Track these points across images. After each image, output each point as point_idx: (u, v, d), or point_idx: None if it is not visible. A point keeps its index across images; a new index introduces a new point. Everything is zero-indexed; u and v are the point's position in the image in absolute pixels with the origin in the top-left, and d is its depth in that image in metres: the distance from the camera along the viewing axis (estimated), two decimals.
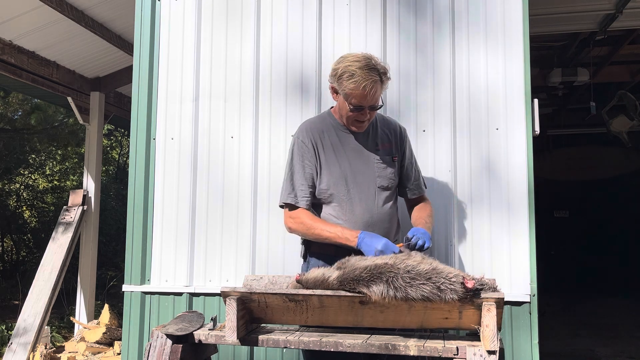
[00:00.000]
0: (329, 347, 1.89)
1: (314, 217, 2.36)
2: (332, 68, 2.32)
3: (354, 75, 2.21)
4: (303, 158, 2.39)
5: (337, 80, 2.28)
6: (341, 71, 2.25)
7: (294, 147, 2.43)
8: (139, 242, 3.12)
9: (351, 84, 2.22)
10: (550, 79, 6.36)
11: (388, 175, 2.43)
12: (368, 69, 2.21)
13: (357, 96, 2.24)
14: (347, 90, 2.24)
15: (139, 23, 3.27)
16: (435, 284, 1.78)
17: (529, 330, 2.74)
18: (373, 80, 2.21)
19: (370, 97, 2.24)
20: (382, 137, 2.46)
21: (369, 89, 2.21)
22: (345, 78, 2.23)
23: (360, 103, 2.26)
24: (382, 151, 2.44)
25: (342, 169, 2.38)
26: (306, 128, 2.45)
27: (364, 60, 2.24)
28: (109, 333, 5.14)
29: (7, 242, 10.94)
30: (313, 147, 2.39)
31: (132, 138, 3.22)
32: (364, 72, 2.20)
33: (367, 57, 2.26)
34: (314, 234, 2.32)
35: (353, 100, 2.27)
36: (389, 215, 2.42)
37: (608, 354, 5.33)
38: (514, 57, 2.88)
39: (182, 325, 2.08)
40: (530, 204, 2.80)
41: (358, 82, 2.20)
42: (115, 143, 14.07)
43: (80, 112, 6.30)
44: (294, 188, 2.38)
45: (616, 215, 10.11)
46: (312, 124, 2.47)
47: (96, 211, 6.31)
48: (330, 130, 2.43)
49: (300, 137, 2.42)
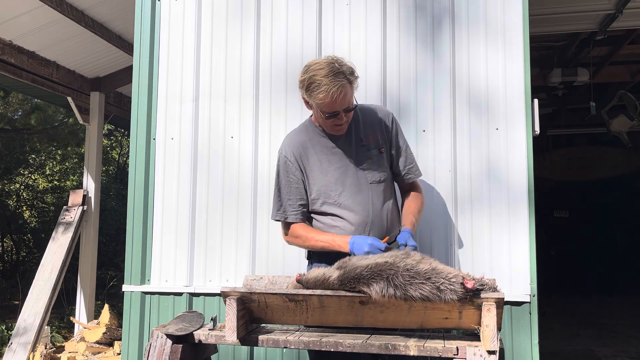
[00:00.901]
0: (329, 347, 1.88)
1: (307, 229, 2.40)
2: (299, 80, 2.29)
3: (320, 85, 2.18)
4: (288, 173, 2.41)
5: (306, 92, 2.26)
6: (307, 82, 2.22)
7: (278, 163, 2.45)
8: (139, 242, 3.12)
9: (320, 94, 2.19)
10: (550, 79, 6.35)
11: (378, 169, 2.41)
12: (333, 74, 2.18)
13: (327, 104, 2.22)
14: (318, 101, 2.22)
15: (139, 23, 3.27)
16: (434, 284, 1.78)
17: (529, 330, 2.74)
18: (340, 85, 2.18)
19: (341, 102, 2.22)
20: (366, 130, 2.43)
21: (337, 95, 2.19)
22: (313, 88, 2.21)
23: (333, 109, 2.25)
24: (368, 145, 2.41)
25: (330, 175, 2.37)
26: (288, 143, 2.45)
27: (327, 66, 2.21)
28: (109, 333, 5.14)
29: (7, 242, 10.94)
30: (296, 160, 2.40)
31: (132, 138, 3.22)
32: (329, 79, 2.18)
33: (331, 62, 2.22)
34: (310, 245, 2.38)
35: (325, 109, 2.25)
36: (386, 213, 2.40)
37: (608, 354, 5.33)
38: (514, 57, 2.88)
39: (182, 325, 2.09)
40: (530, 204, 2.80)
41: (325, 90, 2.18)
42: (115, 143, 14.08)
43: (80, 112, 6.30)
44: (282, 204, 2.42)
45: (616, 215, 10.12)
46: (294, 137, 2.47)
47: (96, 211, 6.31)
48: (313, 138, 2.42)
49: (283, 152, 2.44)
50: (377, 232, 2.33)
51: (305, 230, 2.39)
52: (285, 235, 2.46)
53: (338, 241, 2.27)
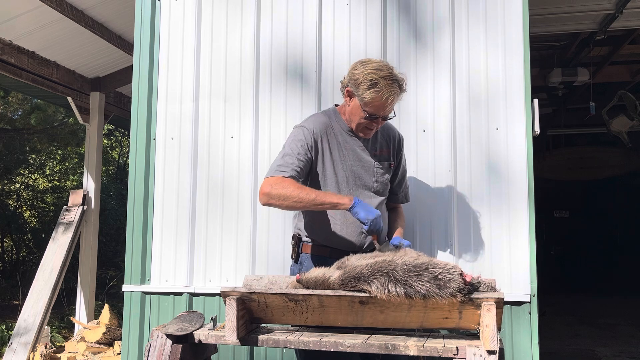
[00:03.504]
0: (329, 347, 1.89)
1: (300, 185, 2.23)
2: (352, 72, 2.27)
3: (376, 85, 2.19)
4: (302, 143, 2.31)
5: (356, 86, 2.24)
6: (363, 78, 2.21)
7: (296, 133, 2.36)
8: (139, 242, 3.12)
9: (372, 93, 2.19)
10: (550, 79, 6.36)
11: (384, 181, 2.45)
12: (391, 80, 2.20)
13: (376, 106, 2.23)
14: (367, 99, 2.22)
15: (139, 23, 3.27)
16: (433, 274, 1.80)
17: (529, 330, 2.74)
18: (395, 93, 2.20)
19: (388, 108, 2.25)
20: (381, 143, 2.47)
21: (390, 101, 2.21)
22: (369, 86, 2.20)
23: (377, 112, 2.25)
24: (381, 157, 2.45)
25: (345, 170, 2.38)
26: (313, 120, 2.42)
27: (387, 70, 2.22)
28: (109, 333, 5.14)
29: (7, 242, 10.94)
30: (315, 141, 2.35)
31: (132, 138, 3.22)
32: (387, 82, 2.19)
33: (390, 67, 2.24)
34: (297, 196, 2.16)
35: (370, 109, 2.25)
36: (383, 219, 2.43)
37: (608, 354, 5.33)
38: (514, 57, 2.88)
39: (182, 325, 2.08)
40: (530, 204, 2.80)
41: (381, 92, 2.18)
42: (115, 143, 14.08)
43: (80, 112, 6.30)
44: (286, 162, 2.27)
45: (616, 215, 10.12)
46: (320, 117, 2.44)
47: (96, 211, 6.31)
48: (336, 127, 2.41)
49: (306, 125, 2.38)
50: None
51: (295, 184, 2.21)
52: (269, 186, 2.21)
53: (338, 196, 2.22)
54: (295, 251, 2.45)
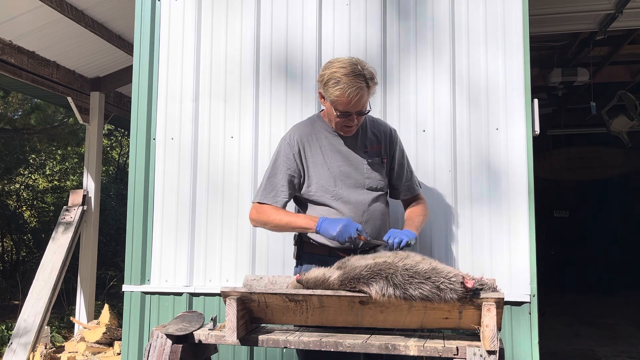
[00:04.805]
0: (329, 347, 1.89)
1: (278, 210, 2.38)
2: (319, 74, 2.33)
3: (339, 82, 2.21)
4: (288, 160, 2.41)
5: (323, 87, 2.29)
6: (327, 77, 2.25)
7: (280, 148, 2.45)
8: (139, 242, 3.12)
9: (337, 91, 2.22)
10: (550, 79, 6.36)
11: (377, 177, 2.45)
12: (354, 75, 2.21)
13: (342, 103, 2.25)
14: (333, 97, 2.25)
15: (139, 23, 3.27)
16: (434, 283, 1.79)
17: (529, 330, 2.74)
18: (358, 87, 2.21)
19: (355, 104, 2.25)
20: (371, 139, 2.48)
21: (354, 96, 2.22)
22: (331, 85, 2.23)
23: (347, 109, 2.27)
24: (371, 153, 2.45)
25: (331, 171, 2.39)
26: (294, 131, 2.47)
27: (349, 66, 2.23)
28: (109, 333, 5.14)
29: (7, 242, 10.94)
30: (300, 150, 2.41)
31: (132, 138, 3.22)
32: (349, 78, 2.20)
33: (354, 63, 2.25)
34: (273, 221, 2.35)
35: (339, 107, 2.28)
36: (379, 214, 2.43)
37: (608, 354, 5.33)
38: (514, 56, 2.88)
39: (182, 325, 2.08)
40: (530, 204, 2.80)
41: (343, 89, 2.21)
42: (115, 143, 14.08)
43: (80, 112, 6.30)
44: (274, 188, 2.40)
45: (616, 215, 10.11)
46: (301, 127, 2.49)
47: (96, 211, 6.31)
48: (320, 133, 2.44)
49: (288, 139, 2.44)
50: (369, 231, 2.35)
51: (275, 211, 2.38)
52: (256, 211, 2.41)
53: (306, 220, 2.29)
54: (297, 250, 2.47)
